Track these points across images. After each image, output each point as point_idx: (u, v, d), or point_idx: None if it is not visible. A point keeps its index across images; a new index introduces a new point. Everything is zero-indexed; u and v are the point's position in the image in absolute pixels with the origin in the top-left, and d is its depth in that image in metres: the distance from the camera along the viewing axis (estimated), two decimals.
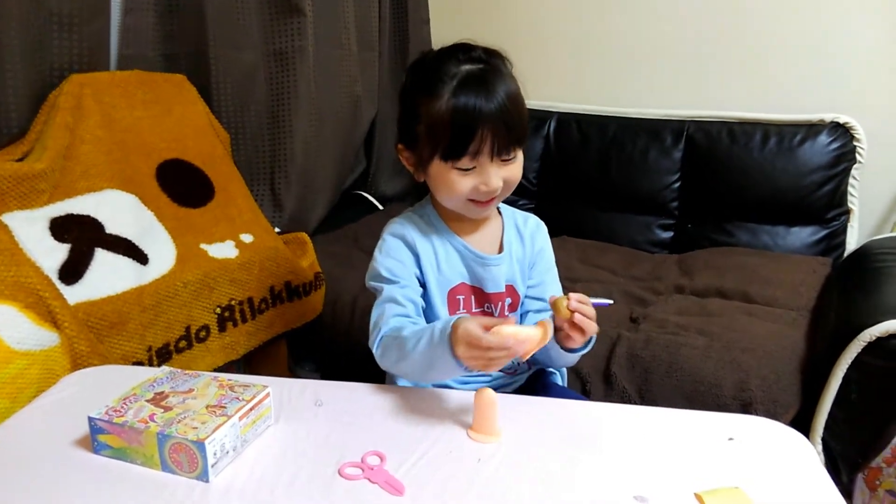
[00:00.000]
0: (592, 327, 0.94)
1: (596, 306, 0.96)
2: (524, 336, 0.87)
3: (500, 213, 1.14)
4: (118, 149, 1.39)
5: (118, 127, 1.42)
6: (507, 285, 1.11)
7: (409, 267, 1.06)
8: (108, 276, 1.20)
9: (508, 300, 1.11)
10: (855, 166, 1.94)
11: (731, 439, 0.89)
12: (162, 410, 0.83)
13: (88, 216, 1.25)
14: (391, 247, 1.07)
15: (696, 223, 2.08)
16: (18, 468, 0.81)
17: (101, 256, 1.22)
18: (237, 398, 0.87)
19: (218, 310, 1.39)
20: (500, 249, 1.11)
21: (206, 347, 1.37)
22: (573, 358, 1.03)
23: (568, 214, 2.17)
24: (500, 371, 1.10)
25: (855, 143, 1.93)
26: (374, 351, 1.03)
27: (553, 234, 1.19)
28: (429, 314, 1.08)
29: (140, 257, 1.28)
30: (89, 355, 1.11)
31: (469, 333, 0.85)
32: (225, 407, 0.84)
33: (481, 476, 0.81)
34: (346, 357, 1.68)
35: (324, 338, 1.70)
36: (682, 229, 2.10)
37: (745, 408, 1.25)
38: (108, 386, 0.94)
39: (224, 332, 1.40)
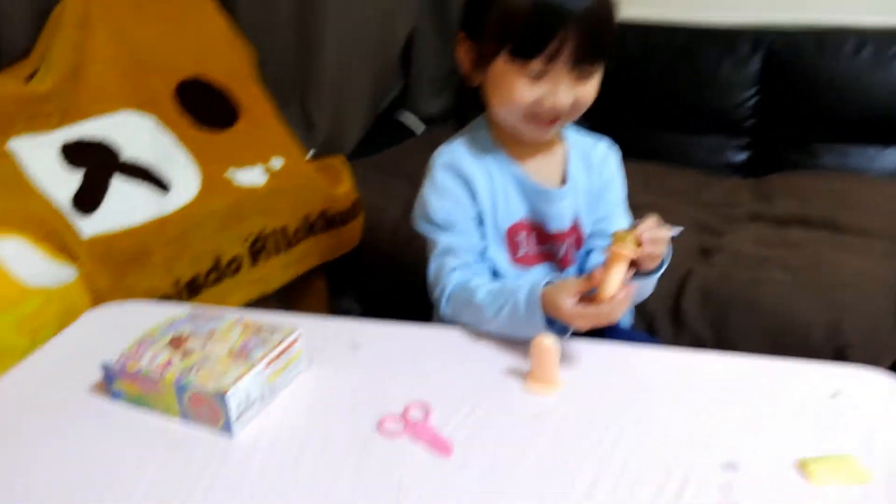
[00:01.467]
0: (662, 249, 0.82)
1: None
2: (624, 278, 0.77)
3: (564, 138, 0.99)
4: (132, 68, 1.27)
5: (131, 44, 1.29)
6: (572, 221, 0.97)
7: (466, 206, 0.93)
8: (126, 206, 1.11)
9: (573, 238, 0.97)
10: None
11: (835, 395, 0.75)
12: (180, 356, 0.74)
13: (102, 141, 1.15)
14: (444, 184, 0.94)
15: (774, 144, 1.88)
16: (30, 414, 0.74)
17: (118, 185, 1.12)
18: (263, 342, 0.76)
19: (249, 240, 1.29)
20: (565, 180, 0.96)
21: (237, 280, 1.28)
22: (649, 286, 0.90)
23: (630, 136, 1.92)
24: None
25: None
26: (441, 311, 0.93)
27: None
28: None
29: (161, 184, 1.18)
30: (110, 291, 1.03)
31: (580, 313, 0.78)
32: (249, 353, 0.74)
33: (540, 434, 0.69)
34: (388, 291, 1.59)
35: (364, 271, 1.60)
36: (758, 150, 1.91)
37: (840, 353, 1.10)
38: (129, 323, 0.86)
39: (256, 264, 1.31)
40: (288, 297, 1.54)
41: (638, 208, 1.65)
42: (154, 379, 0.71)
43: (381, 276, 1.59)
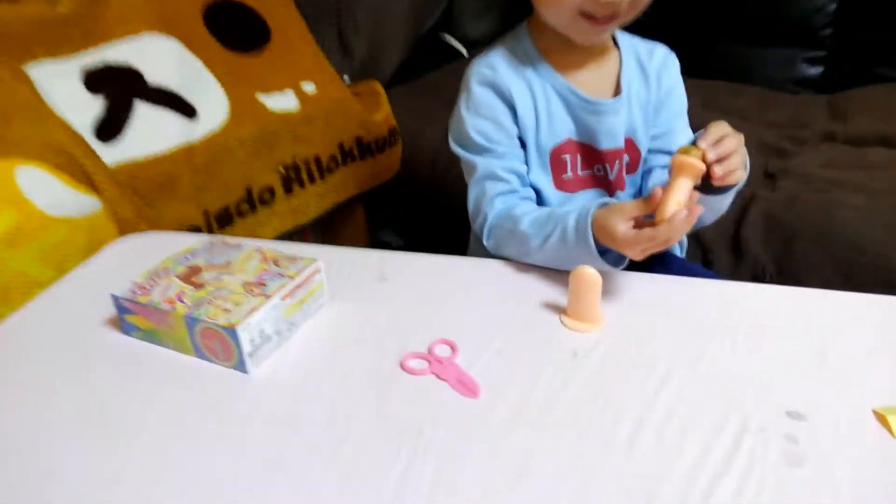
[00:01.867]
0: (739, 163, 0.71)
1: None
2: (687, 197, 0.67)
3: (616, 44, 0.88)
4: None
5: None
6: (625, 139, 0.87)
7: (506, 125, 0.85)
8: (151, 132, 1.06)
9: (626, 158, 0.88)
10: None
11: None
12: (192, 288, 0.70)
13: (126, 65, 1.09)
14: (481, 101, 0.85)
15: (854, 54, 1.68)
16: (42, 348, 0.71)
17: (143, 110, 1.07)
18: (280, 273, 0.72)
19: (282, 169, 1.24)
20: (617, 91, 0.86)
21: (271, 210, 1.24)
22: (723, 203, 0.81)
23: (687, 48, 1.74)
24: None
25: None
26: (484, 242, 0.86)
27: None
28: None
29: (187, 110, 1.12)
30: (136, 221, 1.00)
31: (636, 237, 0.68)
32: (265, 284, 0.70)
33: (578, 375, 0.63)
34: (429, 221, 1.53)
35: (403, 200, 1.54)
36: (834, 63, 1.72)
37: None
38: (152, 254, 0.81)
39: (290, 193, 1.26)
40: (326, 229, 1.50)
41: (694, 129, 1.54)
42: (164, 311, 0.67)
43: (421, 205, 1.53)
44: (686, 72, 1.68)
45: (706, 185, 0.71)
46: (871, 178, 1.20)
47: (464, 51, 2.06)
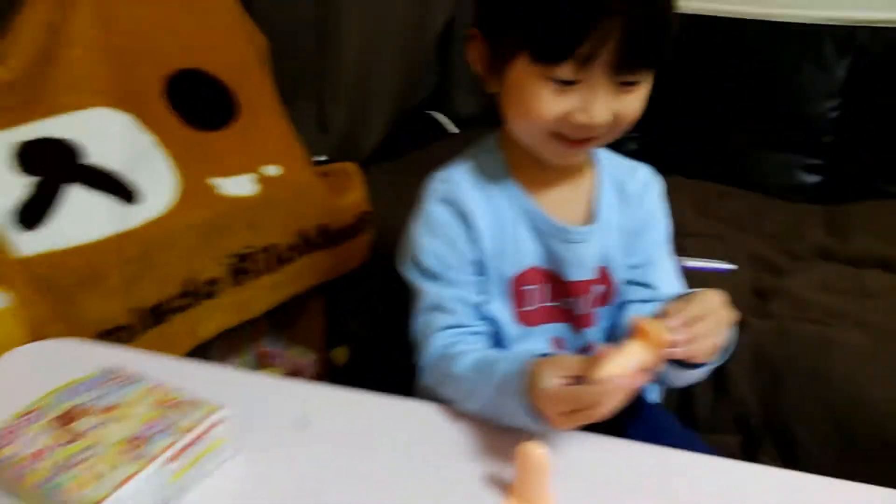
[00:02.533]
0: (707, 349, 0.61)
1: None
2: (634, 365, 0.57)
3: (593, 158, 0.79)
4: (117, 55, 1.12)
5: (119, 27, 1.13)
6: (599, 268, 0.78)
7: (462, 249, 0.76)
8: (80, 218, 0.96)
9: (599, 289, 0.78)
10: None
11: None
12: (66, 440, 0.59)
13: (65, 140, 1.01)
14: (436, 219, 0.76)
15: (855, 165, 1.61)
16: None
17: (75, 194, 0.98)
18: (172, 426, 0.60)
19: (230, 259, 1.14)
20: (592, 218, 0.77)
21: (215, 304, 1.13)
22: (697, 374, 0.70)
23: (680, 148, 1.73)
24: None
25: None
26: (422, 380, 0.77)
27: (662, 172, 0.83)
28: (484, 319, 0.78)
29: (126, 194, 1.03)
30: (53, 320, 0.89)
31: (555, 394, 0.59)
32: (149, 440, 0.58)
33: None
34: (397, 314, 1.42)
35: (371, 288, 1.43)
36: (834, 173, 1.64)
37: None
38: (56, 369, 0.71)
39: (239, 285, 1.16)
40: (280, 321, 1.40)
41: (686, 236, 1.45)
42: (21, 472, 0.56)
43: (390, 296, 1.42)
44: (677, 172, 1.60)
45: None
46: (870, 309, 1.10)
47: (454, 128, 2.00)
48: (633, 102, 0.67)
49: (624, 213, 0.79)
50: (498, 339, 0.79)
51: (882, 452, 0.63)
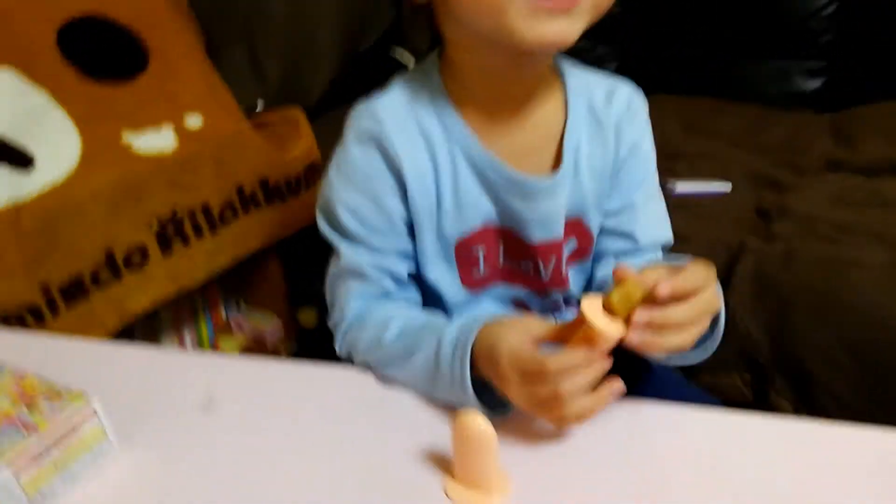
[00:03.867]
0: (676, 345, 0.47)
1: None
2: (607, 335, 0.46)
3: (562, 81, 0.62)
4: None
5: None
6: (571, 220, 0.63)
7: (389, 205, 0.60)
8: None
9: (571, 246, 0.64)
10: None
11: None
12: None
13: None
14: (358, 167, 0.59)
15: (858, 66, 1.46)
16: None
17: None
18: (25, 424, 0.48)
19: (155, 223, 1.00)
20: (559, 160, 0.61)
21: (144, 276, 1.00)
22: (686, 358, 0.55)
23: (666, 61, 1.58)
24: None
25: None
26: (336, 348, 0.63)
27: (645, 91, 0.66)
28: (421, 280, 0.64)
29: (17, 159, 0.89)
30: None
31: (522, 360, 0.48)
32: None
33: None
34: None
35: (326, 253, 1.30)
36: (837, 75, 1.50)
37: None
38: None
39: (169, 252, 1.02)
40: (236, 287, 1.27)
41: (677, 158, 1.31)
42: None
43: None
44: (664, 89, 1.42)
45: None
46: (888, 221, 0.96)
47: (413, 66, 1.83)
48: None
49: (599, 147, 0.62)
50: (438, 306, 0.65)
51: None
